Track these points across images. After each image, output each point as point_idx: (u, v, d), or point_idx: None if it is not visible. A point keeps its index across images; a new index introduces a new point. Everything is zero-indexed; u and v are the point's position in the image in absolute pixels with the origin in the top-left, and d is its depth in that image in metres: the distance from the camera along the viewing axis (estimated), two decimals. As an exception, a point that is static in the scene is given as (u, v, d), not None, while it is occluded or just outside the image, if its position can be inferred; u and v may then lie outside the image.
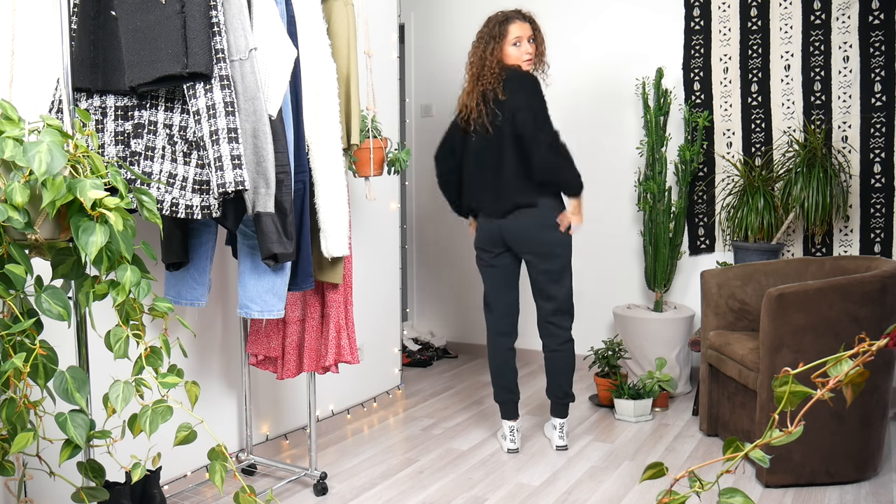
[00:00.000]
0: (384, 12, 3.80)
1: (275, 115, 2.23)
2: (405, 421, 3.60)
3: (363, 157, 2.86)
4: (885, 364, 2.75)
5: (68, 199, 1.56)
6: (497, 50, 3.03)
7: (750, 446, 1.08)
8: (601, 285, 4.46)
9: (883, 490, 2.72)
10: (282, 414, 3.22)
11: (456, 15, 4.79)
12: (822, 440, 2.71)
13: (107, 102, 2.17)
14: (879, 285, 2.68)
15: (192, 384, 1.83)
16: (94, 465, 1.89)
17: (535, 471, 2.96)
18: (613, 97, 4.34)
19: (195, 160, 2.09)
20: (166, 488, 2.66)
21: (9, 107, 1.61)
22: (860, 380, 0.99)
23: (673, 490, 1.14)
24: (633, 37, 4.26)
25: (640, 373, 3.93)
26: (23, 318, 1.66)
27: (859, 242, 3.78)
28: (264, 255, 2.23)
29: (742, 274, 3.30)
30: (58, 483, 2.27)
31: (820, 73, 3.81)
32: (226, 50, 2.07)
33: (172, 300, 2.49)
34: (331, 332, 2.67)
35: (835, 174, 3.59)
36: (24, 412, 1.68)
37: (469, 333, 4.91)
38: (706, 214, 4.15)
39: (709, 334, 3.29)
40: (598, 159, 4.40)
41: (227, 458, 1.78)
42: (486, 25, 3.10)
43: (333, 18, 2.56)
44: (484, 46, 3.06)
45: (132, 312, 1.72)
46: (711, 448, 3.18)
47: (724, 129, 4.07)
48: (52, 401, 1.89)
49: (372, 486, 2.83)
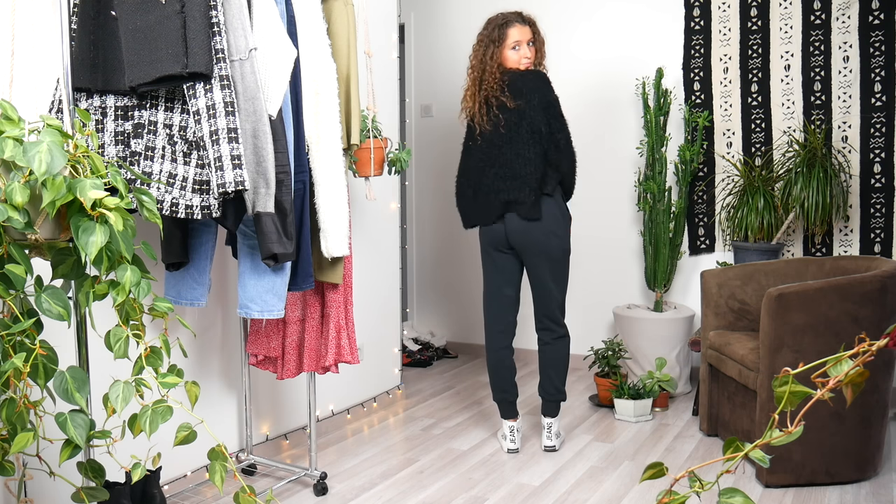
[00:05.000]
0: (384, 12, 3.80)
1: (275, 115, 2.23)
2: (405, 421, 3.60)
3: (363, 157, 2.86)
4: (885, 364, 2.75)
5: (68, 199, 1.56)
6: (497, 54, 3.03)
7: (750, 446, 1.08)
8: (601, 285, 4.46)
9: (883, 490, 2.72)
10: (282, 414, 3.22)
11: (456, 15, 4.79)
12: (822, 440, 2.71)
13: (107, 102, 2.17)
14: (879, 285, 2.68)
15: (192, 384, 1.83)
16: (94, 465, 1.89)
17: (535, 471, 2.96)
18: (613, 97, 4.34)
19: (195, 160, 2.09)
20: (166, 488, 2.66)
21: (9, 107, 1.61)
22: (860, 380, 0.99)
23: (673, 490, 1.14)
24: (633, 37, 4.26)
25: (640, 373, 3.93)
26: (23, 318, 1.66)
27: (859, 242, 3.78)
28: (264, 255, 2.23)
29: (742, 274, 3.30)
30: (58, 483, 2.27)
31: (820, 73, 3.81)
32: (226, 50, 2.07)
33: (172, 300, 2.49)
34: (331, 332, 2.67)
35: (835, 174, 3.60)
36: (24, 412, 1.68)
37: (469, 333, 4.91)
38: (706, 214, 4.15)
39: (709, 334, 3.29)
40: (599, 159, 4.40)
41: (227, 458, 1.78)
42: (485, 28, 3.09)
43: (333, 18, 2.56)
44: (484, 50, 3.05)
45: (132, 312, 1.73)
46: (711, 448, 3.18)
47: (724, 129, 4.07)
48: (52, 401, 1.89)
49: (372, 486, 2.83)
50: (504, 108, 3.00)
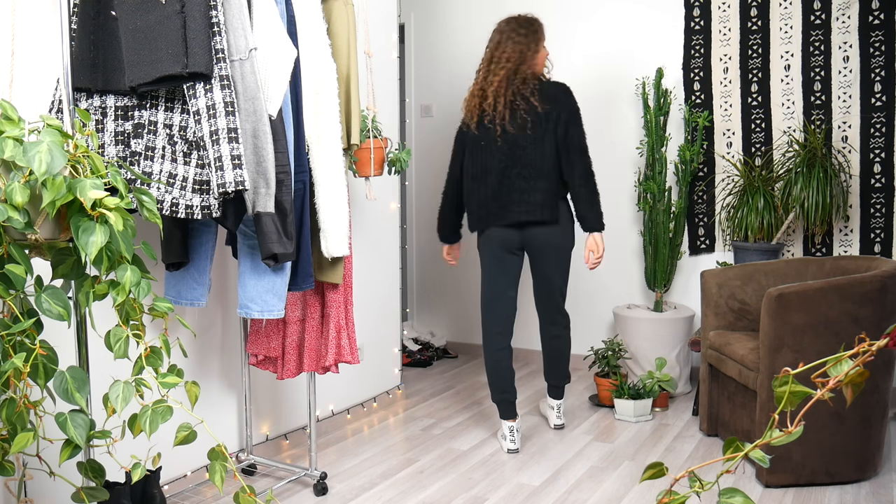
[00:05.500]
0: (384, 12, 3.80)
1: (275, 115, 2.23)
2: (405, 421, 3.60)
3: (363, 157, 2.86)
4: (885, 364, 2.75)
5: (68, 199, 1.56)
6: (531, 58, 3.10)
7: (750, 446, 1.08)
8: (601, 285, 4.46)
9: (883, 490, 2.72)
10: (282, 414, 3.22)
11: (456, 15, 4.79)
12: (822, 440, 2.71)
13: (107, 102, 2.17)
14: (879, 285, 2.68)
15: (192, 384, 1.83)
16: (94, 465, 1.89)
17: (535, 471, 2.96)
18: (613, 97, 4.34)
19: (195, 160, 2.10)
20: (166, 488, 2.66)
21: (9, 107, 1.61)
22: (860, 380, 0.99)
23: (673, 490, 1.14)
24: (633, 37, 4.26)
25: (640, 373, 3.93)
26: (23, 318, 1.66)
27: (859, 242, 3.78)
28: (264, 255, 2.23)
29: (742, 274, 3.30)
30: (58, 483, 2.27)
31: (820, 73, 3.81)
32: (226, 50, 2.07)
33: (172, 300, 2.49)
34: (331, 332, 2.67)
35: (835, 174, 3.59)
36: (24, 412, 1.68)
37: (469, 333, 4.91)
38: (706, 214, 4.15)
39: (709, 334, 3.29)
40: (598, 159, 4.40)
41: (227, 458, 1.78)
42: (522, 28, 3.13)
43: (333, 18, 2.56)
44: (523, 49, 3.09)
45: (132, 312, 1.73)
46: (711, 448, 3.18)
47: (724, 129, 4.07)
48: (52, 401, 1.89)
49: (372, 486, 2.83)
50: (533, 111, 3.05)
